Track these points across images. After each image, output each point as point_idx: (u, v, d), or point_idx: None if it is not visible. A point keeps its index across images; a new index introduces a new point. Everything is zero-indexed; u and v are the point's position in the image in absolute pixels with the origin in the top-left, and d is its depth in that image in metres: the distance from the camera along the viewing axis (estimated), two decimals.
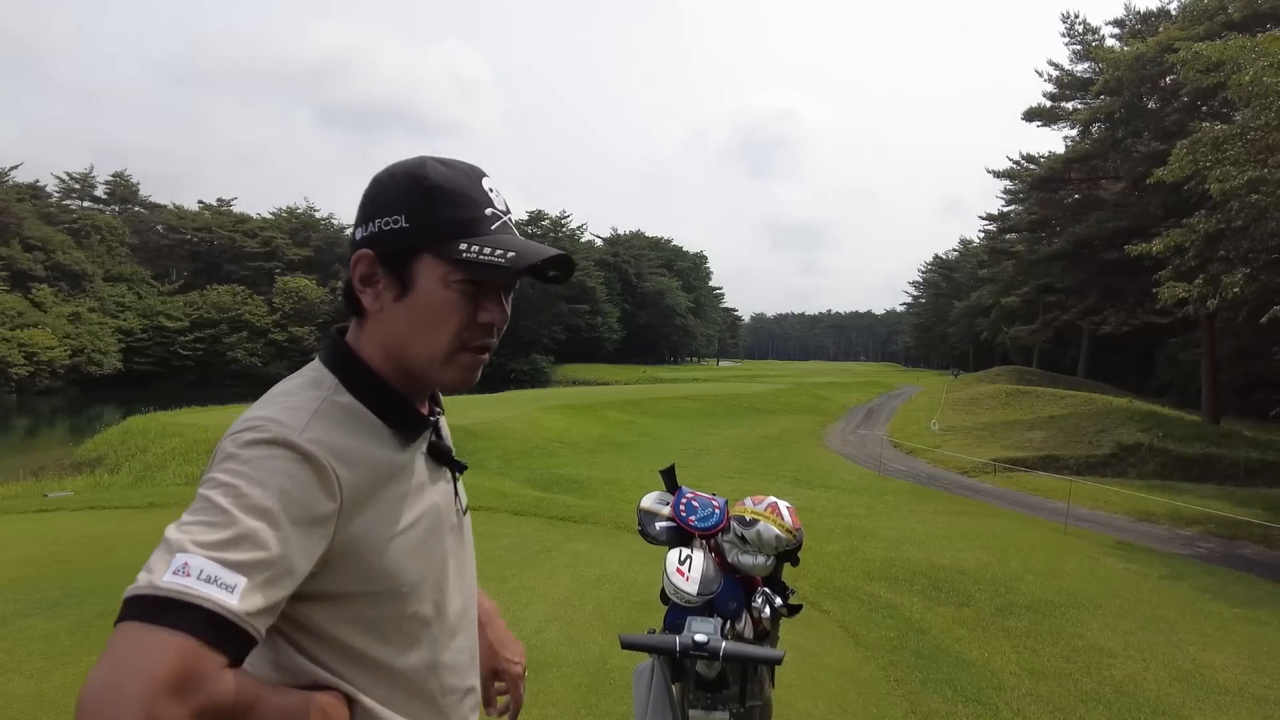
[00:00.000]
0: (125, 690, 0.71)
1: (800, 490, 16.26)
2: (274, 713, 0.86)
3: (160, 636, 0.74)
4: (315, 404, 0.96)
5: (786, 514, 2.10)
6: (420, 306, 1.00)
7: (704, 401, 37.27)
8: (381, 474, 0.99)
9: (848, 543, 7.89)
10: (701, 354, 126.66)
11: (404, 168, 1.03)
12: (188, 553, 0.79)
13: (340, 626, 0.97)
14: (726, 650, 1.79)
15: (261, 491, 0.85)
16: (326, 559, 0.91)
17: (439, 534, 1.08)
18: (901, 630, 5.04)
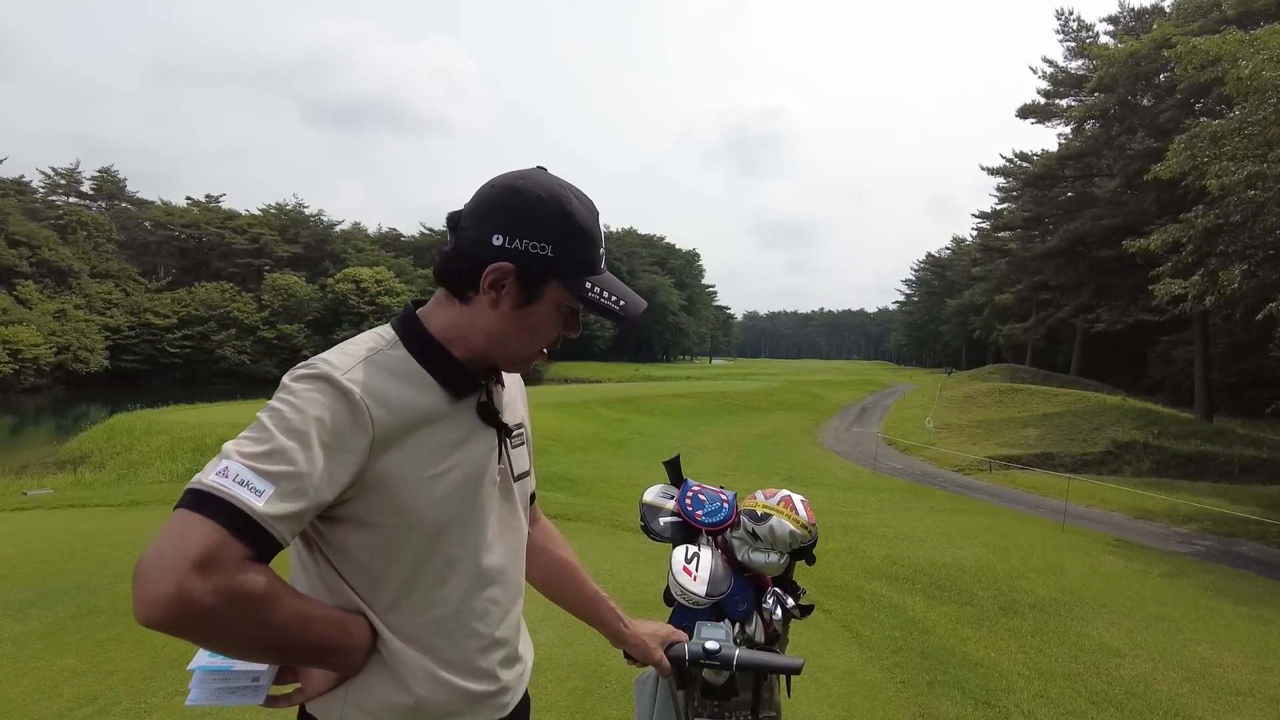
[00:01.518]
0: (164, 560, 0.88)
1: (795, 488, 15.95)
2: (297, 614, 1.00)
3: (196, 522, 0.91)
4: (367, 353, 1.10)
5: (801, 508, 1.93)
6: (534, 319, 1.16)
7: (697, 399, 37.18)
8: (419, 420, 1.10)
9: (846, 540, 7.75)
10: (694, 352, 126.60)
11: (553, 197, 1.14)
12: (230, 459, 0.95)
13: (373, 554, 1.09)
14: (740, 659, 1.62)
15: (300, 417, 0.99)
16: (361, 487, 1.04)
17: (476, 486, 1.17)
18: (905, 630, 4.89)
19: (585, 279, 1.15)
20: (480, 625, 1.18)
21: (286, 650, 1.03)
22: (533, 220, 1.12)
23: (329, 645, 1.05)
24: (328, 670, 1.09)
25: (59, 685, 3.66)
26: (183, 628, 0.89)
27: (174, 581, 0.87)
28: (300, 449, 0.97)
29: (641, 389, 41.19)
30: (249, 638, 0.96)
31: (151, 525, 7.10)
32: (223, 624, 0.92)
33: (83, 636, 4.29)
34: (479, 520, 1.18)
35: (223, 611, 0.90)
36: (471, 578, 1.17)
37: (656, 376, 64.55)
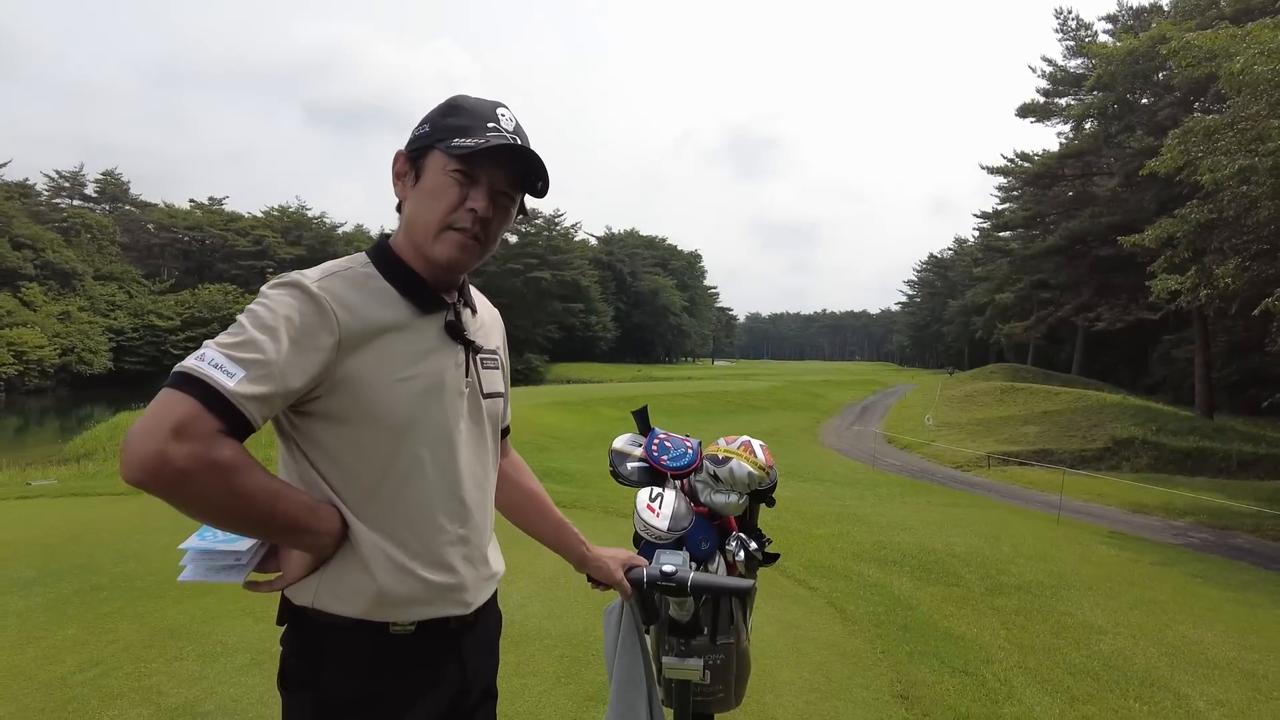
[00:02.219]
0: (147, 427, 1.00)
1: (794, 483, 16.22)
2: (266, 489, 1.10)
3: (176, 398, 1.03)
4: (339, 269, 1.24)
5: (759, 451, 2.04)
6: (425, 189, 1.27)
7: (699, 398, 37.24)
8: (383, 328, 1.22)
9: (837, 527, 7.84)
10: (696, 353, 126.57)
11: (451, 99, 1.32)
12: (208, 349, 1.08)
13: (345, 449, 1.20)
14: (694, 580, 1.73)
15: (271, 315, 1.12)
16: (330, 384, 1.17)
17: (440, 394, 1.28)
18: (889, 606, 4.99)
19: (452, 137, 1.24)
20: (445, 521, 1.28)
21: (256, 522, 1.12)
22: (423, 118, 1.32)
23: (298, 524, 1.14)
24: (300, 550, 1.19)
25: (62, 653, 3.78)
26: (161, 488, 1.00)
27: (155, 445, 0.99)
28: (270, 341, 1.10)
29: (642, 389, 41.29)
30: (219, 504, 1.06)
31: (153, 512, 7.22)
32: (196, 487, 1.02)
33: (84, 610, 4.42)
34: (446, 426, 1.28)
35: (196, 475, 1.01)
36: (438, 477, 1.26)
37: (658, 377, 64.64)
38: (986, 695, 3.71)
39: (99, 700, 3.28)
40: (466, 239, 1.27)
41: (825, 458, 22.50)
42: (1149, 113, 27.67)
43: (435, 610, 1.27)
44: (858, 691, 3.60)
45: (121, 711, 3.18)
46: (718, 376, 67.53)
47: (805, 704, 3.44)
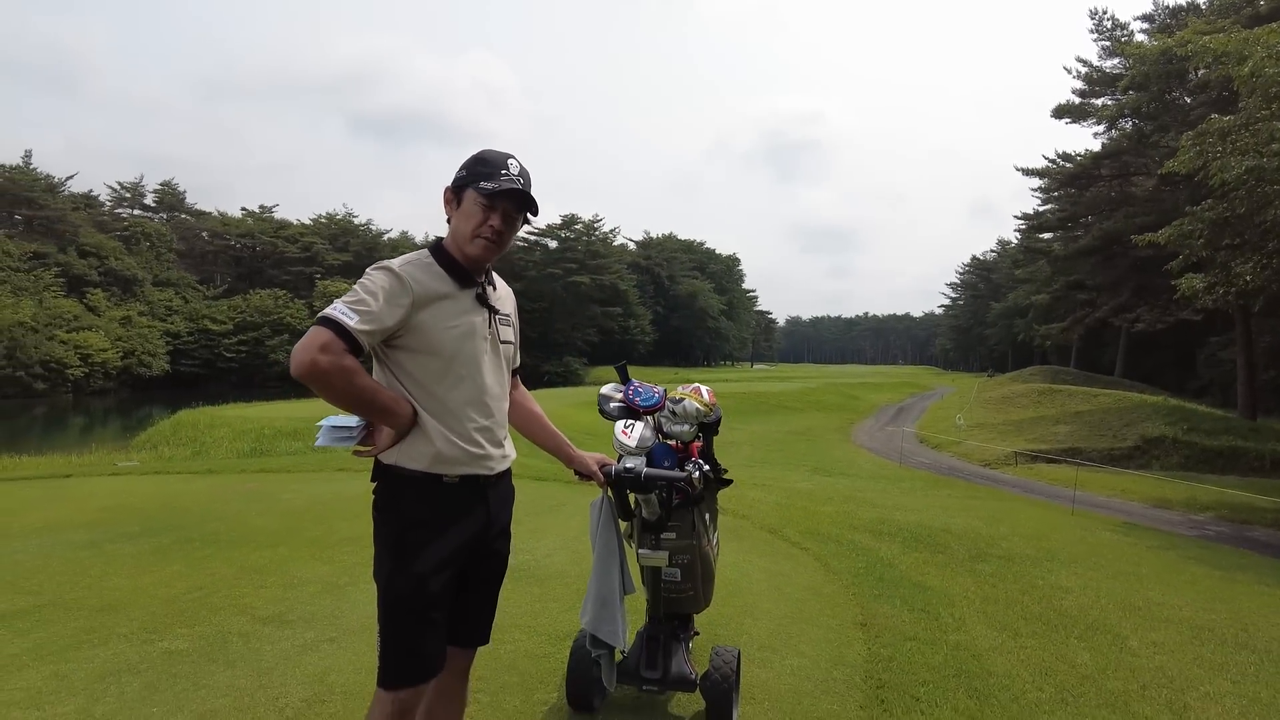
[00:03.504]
0: (306, 344, 1.75)
1: (818, 477, 16.75)
2: (372, 386, 1.89)
3: (320, 328, 1.78)
4: (413, 259, 2.01)
5: (705, 393, 2.75)
6: (464, 212, 2.04)
7: (732, 399, 37.81)
8: (439, 295, 1.98)
9: (843, 506, 8.46)
10: (735, 357, 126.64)
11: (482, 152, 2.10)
12: (337, 303, 1.85)
13: (416, 366, 1.97)
14: (646, 473, 2.46)
15: (373, 284, 1.89)
16: (408, 328, 1.93)
17: (473, 337, 2.05)
18: (870, 563, 5.63)
19: (482, 181, 2.01)
20: (475, 414, 2.04)
21: (366, 404, 1.90)
22: (462, 165, 2.09)
23: (389, 408, 1.93)
24: (388, 427, 1.96)
25: (171, 580, 4.64)
26: (313, 379, 1.76)
27: (311, 355, 1.75)
28: (373, 300, 1.87)
29: None
30: (345, 392, 1.83)
31: (226, 488, 8.15)
32: (332, 381, 1.79)
33: (184, 554, 5.29)
34: (476, 357, 2.05)
35: (333, 374, 1.78)
36: (471, 387, 2.04)
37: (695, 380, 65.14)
38: (937, 626, 4.34)
39: (207, 611, 4.11)
40: (489, 243, 2.06)
41: (853, 455, 22.94)
42: (1183, 112, 27.56)
43: (470, 469, 2.03)
44: (824, 620, 4.28)
45: (225, 619, 4.00)
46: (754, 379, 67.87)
47: (777, 626, 4.12)
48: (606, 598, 2.58)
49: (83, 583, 4.59)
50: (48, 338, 45.89)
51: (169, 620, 3.95)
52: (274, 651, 3.59)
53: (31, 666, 3.41)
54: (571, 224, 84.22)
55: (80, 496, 7.54)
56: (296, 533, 5.96)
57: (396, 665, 1.96)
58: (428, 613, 1.97)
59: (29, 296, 46.76)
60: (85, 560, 5.09)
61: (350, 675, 3.36)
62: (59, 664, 3.43)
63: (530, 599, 4.44)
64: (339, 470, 10.07)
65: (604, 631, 2.58)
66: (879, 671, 3.58)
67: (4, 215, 52.81)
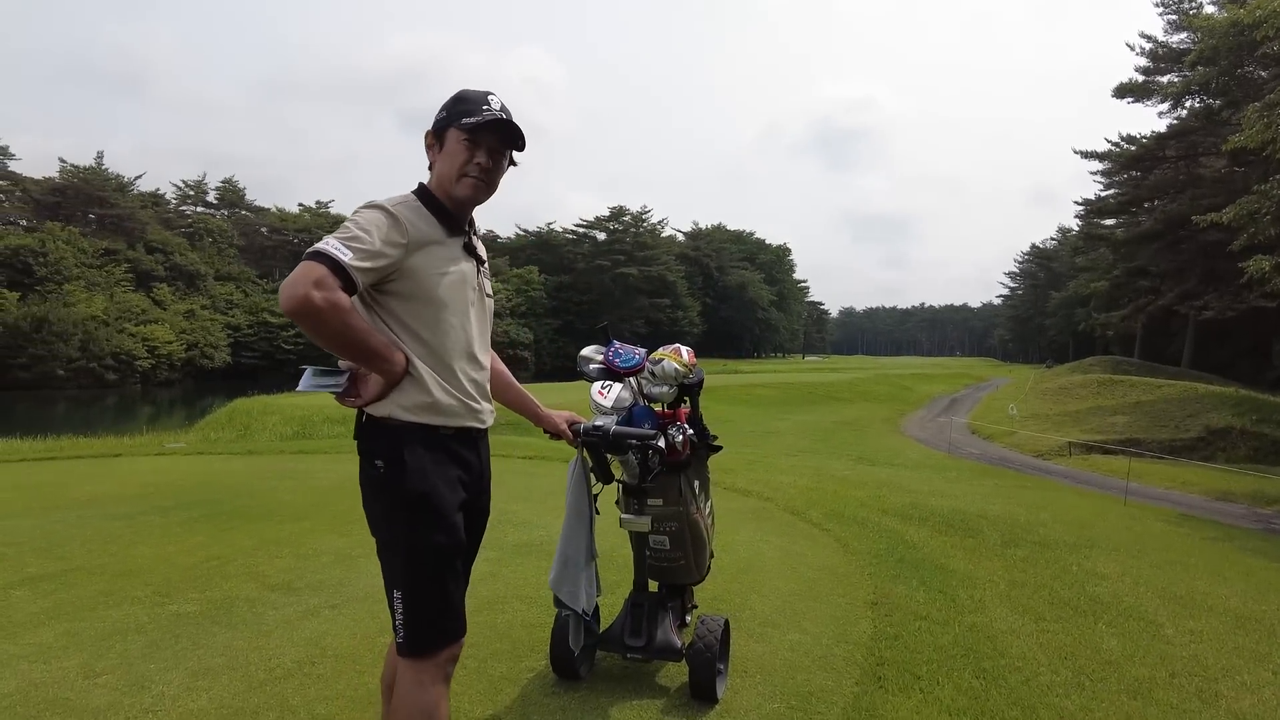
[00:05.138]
0: (300, 278, 1.63)
1: (862, 467, 16.43)
2: (365, 327, 1.79)
3: (313, 263, 1.66)
4: (402, 200, 1.92)
5: (685, 354, 2.68)
6: (448, 152, 1.96)
7: (779, 389, 37.44)
8: (431, 239, 1.90)
9: (875, 491, 8.26)
10: (786, 348, 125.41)
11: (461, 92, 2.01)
12: (329, 239, 1.73)
13: (408, 311, 1.89)
14: (614, 431, 2.40)
15: (367, 222, 1.79)
16: (401, 271, 1.83)
17: (463, 287, 1.98)
18: (893, 545, 5.47)
19: (460, 119, 1.93)
20: (465, 366, 1.99)
21: (359, 346, 1.77)
22: (441, 107, 2.01)
23: (382, 354, 1.81)
24: (379, 375, 1.84)
25: (193, 550, 4.76)
26: (305, 317, 1.63)
27: (305, 290, 1.62)
28: (368, 235, 1.76)
29: (723, 380, 41.71)
30: (338, 332, 1.70)
31: (263, 467, 8.35)
32: (326, 319, 1.65)
33: (209, 526, 5.43)
34: (465, 306, 1.99)
35: (327, 312, 1.65)
36: (461, 336, 1.97)
37: (743, 370, 64.77)
38: (953, 607, 4.19)
39: (221, 577, 4.20)
40: (477, 181, 1.97)
41: (900, 445, 22.48)
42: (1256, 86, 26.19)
43: (466, 421, 1.99)
44: (834, 599, 4.17)
45: (237, 584, 4.09)
46: (805, 370, 67.09)
47: (784, 603, 4.03)
48: (570, 558, 2.55)
49: (110, 550, 4.74)
50: (118, 331, 47.84)
51: (183, 585, 4.05)
52: (276, 616, 3.64)
53: (47, 625, 3.53)
54: (620, 216, 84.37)
55: (125, 473, 7.82)
56: (321, 508, 6.06)
57: (438, 626, 1.90)
58: (455, 562, 1.93)
59: (101, 291, 48.87)
60: (117, 530, 5.26)
61: (345, 640, 3.39)
62: (73, 622, 3.54)
63: (536, 571, 4.43)
64: None
65: (564, 592, 2.55)
66: (882, 649, 3.46)
67: (78, 214, 55.14)
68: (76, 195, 55.34)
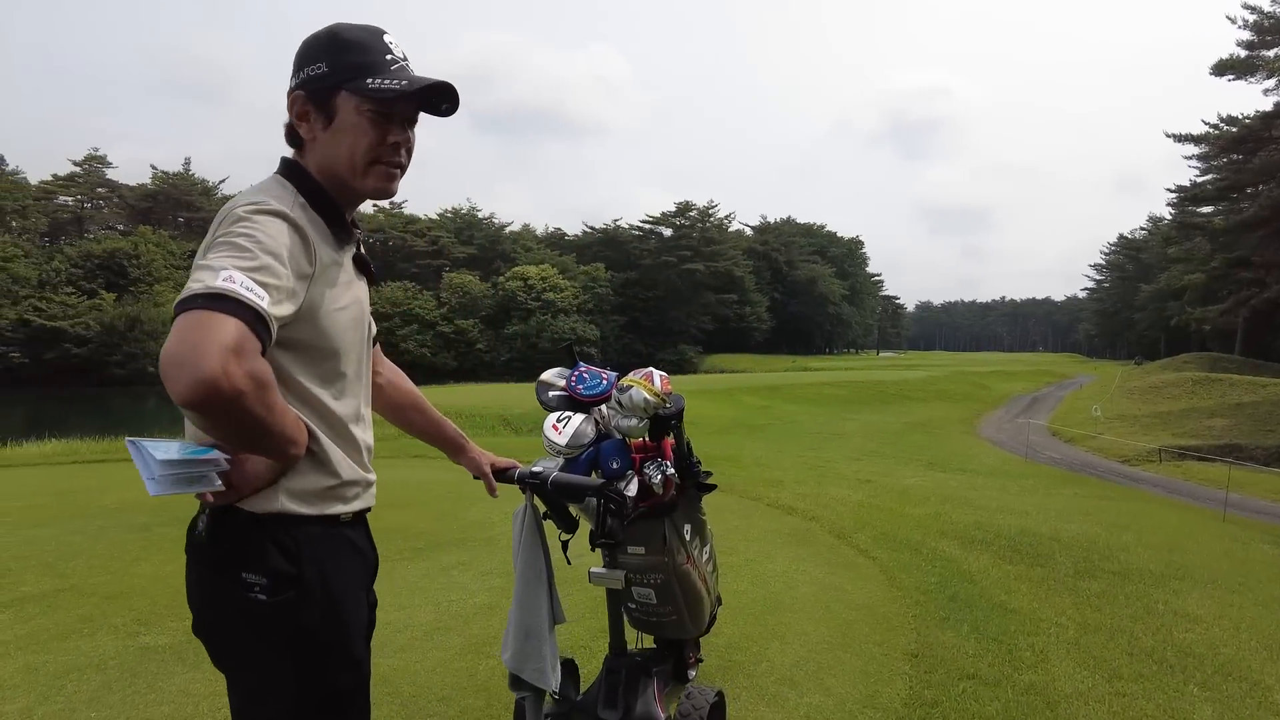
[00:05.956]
0: (205, 348, 1.01)
1: (932, 473, 15.58)
2: (282, 404, 1.19)
3: (223, 317, 1.04)
4: (292, 199, 1.31)
5: (658, 380, 2.24)
6: (344, 129, 1.35)
7: (848, 388, 36.32)
8: (329, 259, 1.33)
9: (937, 508, 7.60)
10: (859, 344, 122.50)
11: (323, 29, 1.39)
12: (230, 270, 1.10)
13: (303, 368, 1.32)
14: (553, 479, 1.98)
15: (273, 242, 1.19)
16: (297, 313, 1.24)
17: (360, 322, 1.44)
18: (946, 578, 4.88)
19: (366, 79, 1.33)
20: (358, 430, 1.45)
21: (274, 435, 1.18)
22: (307, 52, 1.37)
23: (295, 436, 1.25)
24: (282, 460, 1.27)
25: None
26: (220, 405, 1.02)
27: (219, 365, 1.00)
28: (280, 266, 1.17)
29: (790, 378, 40.81)
30: (258, 420, 1.11)
31: None
32: (247, 404, 1.06)
33: None
34: (360, 350, 1.45)
35: (249, 393, 1.05)
36: (354, 394, 1.44)
37: (814, 368, 63.37)
38: (1008, 661, 3.62)
39: None
40: (393, 169, 1.41)
41: (975, 449, 21.34)
42: None
43: (363, 503, 1.47)
44: (869, 647, 3.65)
45: None
46: (877, 367, 65.27)
47: (807, 652, 3.54)
48: (532, 629, 2.09)
49: (111, 567, 4.59)
50: None
51: (164, 613, 3.83)
52: None
53: (11, 656, 3.35)
54: (686, 211, 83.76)
55: None
56: None
57: None
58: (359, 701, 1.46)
59: None
60: (127, 544, 5.13)
61: None
62: (38, 655, 3.35)
63: None
64: (415, 456, 10.11)
65: (529, 671, 2.08)
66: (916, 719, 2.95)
67: (168, 218, 57.89)
68: (166, 200, 58.09)
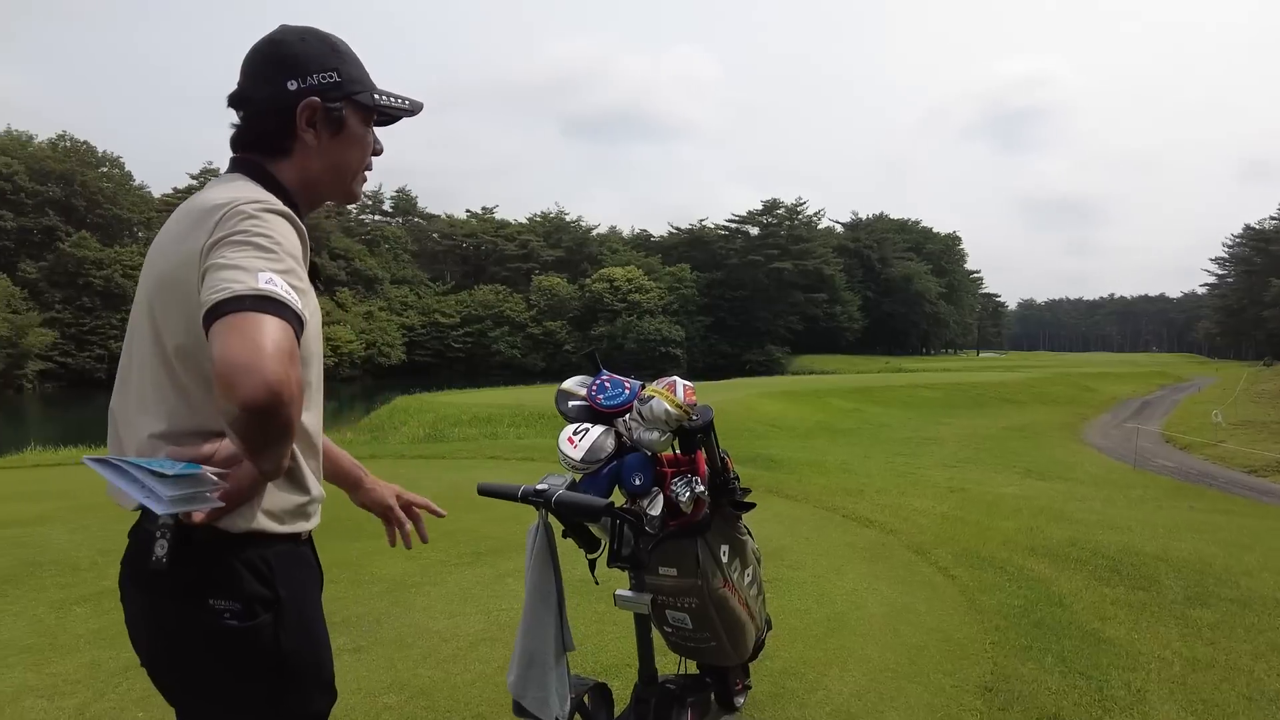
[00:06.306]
0: (268, 352, 1.00)
1: (1029, 481, 14.72)
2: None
3: (279, 322, 1.04)
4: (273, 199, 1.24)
5: (681, 391, 2.05)
6: (351, 138, 1.38)
7: (943, 390, 34.90)
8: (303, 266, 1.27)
9: (1030, 521, 7.07)
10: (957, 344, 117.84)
11: (313, 34, 1.36)
12: (269, 273, 1.08)
13: None
14: (558, 498, 1.83)
15: (290, 244, 1.17)
16: None
17: (319, 330, 1.36)
18: (1032, 601, 4.47)
19: (371, 92, 1.40)
20: (318, 443, 1.39)
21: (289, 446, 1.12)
22: (312, 56, 1.34)
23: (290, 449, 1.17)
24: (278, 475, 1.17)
25: None
26: (279, 412, 1.01)
27: (284, 369, 1.00)
28: (300, 269, 1.17)
29: (882, 380, 39.57)
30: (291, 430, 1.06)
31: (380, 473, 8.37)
32: (295, 412, 1.04)
33: None
34: (320, 360, 1.38)
35: (299, 399, 1.04)
36: (320, 406, 1.38)
37: (908, 369, 61.30)
38: (1098, 700, 3.25)
39: None
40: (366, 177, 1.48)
41: (1079, 456, 20.07)
42: None
43: (317, 519, 1.39)
44: (938, 678, 3.35)
45: None
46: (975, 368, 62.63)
47: (869, 681, 3.28)
48: (536, 655, 1.95)
49: None
50: None
51: None
52: None
53: (81, 651, 3.47)
54: (773, 209, 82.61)
55: None
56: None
57: None
58: None
59: None
60: None
61: (347, 695, 3.02)
62: (104, 650, 3.44)
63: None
64: (490, 459, 10.18)
65: (531, 699, 1.94)
66: None
67: None
68: None
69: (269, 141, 1.35)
